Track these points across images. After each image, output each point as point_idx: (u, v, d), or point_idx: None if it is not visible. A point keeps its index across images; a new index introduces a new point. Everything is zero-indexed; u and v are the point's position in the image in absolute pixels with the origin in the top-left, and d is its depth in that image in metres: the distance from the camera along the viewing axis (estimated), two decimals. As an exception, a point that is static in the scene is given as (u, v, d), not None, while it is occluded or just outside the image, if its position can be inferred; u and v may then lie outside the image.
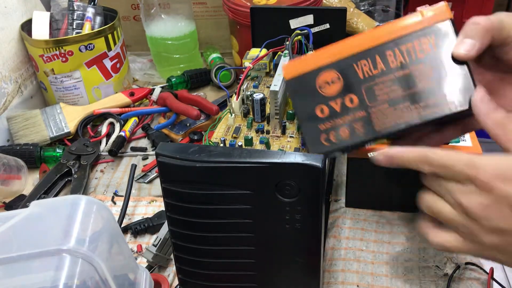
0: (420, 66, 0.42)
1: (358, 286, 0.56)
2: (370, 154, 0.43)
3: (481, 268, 0.56)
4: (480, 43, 0.40)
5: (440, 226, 0.42)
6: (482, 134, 0.54)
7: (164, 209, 0.48)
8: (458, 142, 0.57)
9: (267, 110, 0.56)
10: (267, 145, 0.53)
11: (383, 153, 0.42)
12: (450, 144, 0.56)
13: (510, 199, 0.36)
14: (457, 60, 0.41)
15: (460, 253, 0.54)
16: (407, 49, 0.42)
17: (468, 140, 0.60)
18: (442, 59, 0.42)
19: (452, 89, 0.41)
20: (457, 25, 0.42)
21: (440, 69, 0.42)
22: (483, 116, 0.39)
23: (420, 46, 0.42)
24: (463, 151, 0.39)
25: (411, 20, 0.42)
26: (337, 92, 0.43)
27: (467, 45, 0.40)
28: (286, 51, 0.61)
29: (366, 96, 0.43)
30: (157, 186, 0.73)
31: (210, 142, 0.54)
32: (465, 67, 0.41)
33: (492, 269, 0.54)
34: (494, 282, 0.54)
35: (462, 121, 0.45)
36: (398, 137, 0.45)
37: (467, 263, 0.56)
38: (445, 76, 0.42)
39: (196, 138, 0.80)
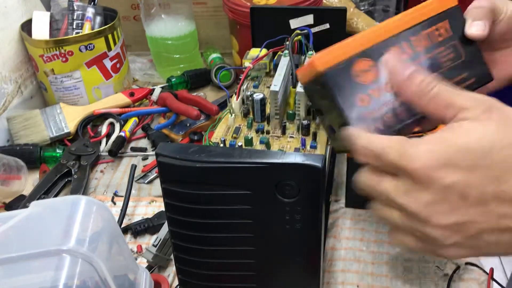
0: (441, 49, 0.45)
1: (358, 286, 0.56)
2: None
3: (481, 269, 0.56)
4: (488, 23, 0.44)
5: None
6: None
7: (164, 209, 0.48)
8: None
9: (267, 110, 0.56)
10: (267, 145, 0.53)
11: (347, 132, 0.39)
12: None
13: (457, 187, 0.31)
14: (469, 40, 0.45)
15: (425, 254, 0.53)
16: (428, 34, 0.45)
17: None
18: (456, 41, 0.46)
19: (470, 66, 0.46)
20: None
21: (457, 49, 0.45)
22: (401, 81, 0.36)
23: (438, 30, 0.45)
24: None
25: (426, 7, 0.45)
26: (373, 80, 0.42)
27: (479, 26, 0.44)
28: (286, 51, 0.61)
29: None
30: (157, 187, 0.73)
31: (210, 142, 0.54)
32: (475, 45, 0.46)
33: (492, 270, 0.54)
34: (494, 283, 0.54)
35: None
36: None
37: (467, 263, 0.56)
38: (462, 57, 0.45)
39: (196, 138, 0.80)
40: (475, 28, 0.43)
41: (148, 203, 0.70)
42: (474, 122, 0.31)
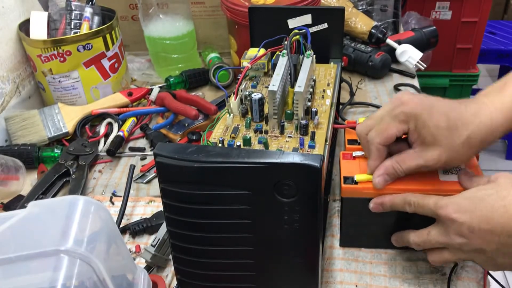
0: None
1: (356, 285, 0.56)
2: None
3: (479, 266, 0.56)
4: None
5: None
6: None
7: (162, 209, 0.48)
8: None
9: (266, 110, 0.56)
10: (266, 145, 0.53)
11: (375, 202, 0.53)
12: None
13: (466, 224, 0.46)
14: None
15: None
16: None
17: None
18: None
19: None
20: (455, 26, 0.45)
21: None
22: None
23: None
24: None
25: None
26: None
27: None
28: (285, 51, 0.60)
29: None
30: (155, 187, 0.73)
31: (208, 142, 0.54)
32: None
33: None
34: (491, 280, 0.55)
35: None
36: None
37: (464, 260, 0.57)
38: None
39: (194, 138, 0.80)
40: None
41: (147, 203, 0.70)
42: (486, 185, 0.49)
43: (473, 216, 0.46)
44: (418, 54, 0.96)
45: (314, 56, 0.64)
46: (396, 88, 0.93)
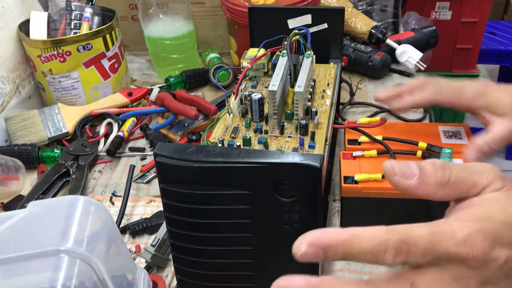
0: None
1: (356, 285, 0.56)
2: None
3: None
4: None
5: None
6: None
7: (162, 209, 0.48)
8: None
9: (266, 110, 0.56)
10: (266, 145, 0.53)
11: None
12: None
13: (508, 264, 0.30)
14: None
15: None
16: None
17: (465, 139, 0.61)
18: None
19: None
20: (455, 26, 0.44)
21: None
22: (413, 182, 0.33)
23: None
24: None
25: None
26: None
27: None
28: (284, 51, 0.60)
29: None
30: (155, 187, 0.73)
31: (208, 142, 0.54)
32: None
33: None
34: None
35: None
36: None
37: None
38: None
39: (194, 138, 0.80)
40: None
41: (147, 203, 0.70)
42: (500, 194, 0.31)
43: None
44: (418, 54, 0.96)
45: (314, 56, 0.64)
46: (396, 88, 0.93)
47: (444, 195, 0.32)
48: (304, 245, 0.31)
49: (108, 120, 0.83)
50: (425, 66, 0.96)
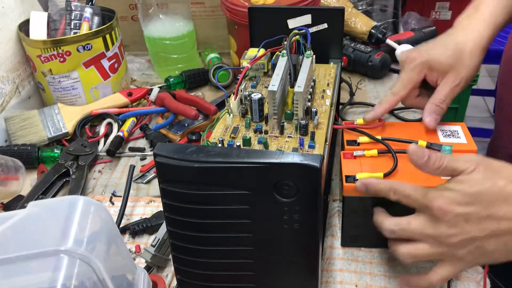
0: None
1: (356, 285, 0.56)
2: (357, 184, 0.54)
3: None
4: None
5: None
6: (477, 133, 0.56)
7: (162, 209, 0.48)
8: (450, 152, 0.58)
9: (265, 110, 0.56)
10: (265, 145, 0.53)
11: (361, 181, 0.53)
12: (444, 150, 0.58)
13: (462, 215, 0.46)
14: None
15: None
16: None
17: (462, 137, 0.61)
18: None
19: None
20: None
21: None
22: (423, 163, 0.50)
23: None
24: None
25: None
26: None
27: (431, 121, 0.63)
28: (284, 51, 0.60)
29: None
30: (155, 187, 0.73)
31: (208, 142, 0.54)
32: None
33: (487, 266, 0.55)
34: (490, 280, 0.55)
35: None
36: None
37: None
38: None
39: (194, 138, 0.80)
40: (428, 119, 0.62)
41: (146, 203, 0.70)
42: (469, 175, 0.47)
43: (470, 208, 0.46)
44: (418, 54, 0.95)
45: (314, 56, 0.64)
46: (396, 88, 0.93)
47: (438, 174, 0.49)
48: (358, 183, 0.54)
49: (108, 120, 0.83)
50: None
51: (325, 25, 0.70)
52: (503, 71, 0.82)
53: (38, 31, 0.86)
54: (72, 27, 0.87)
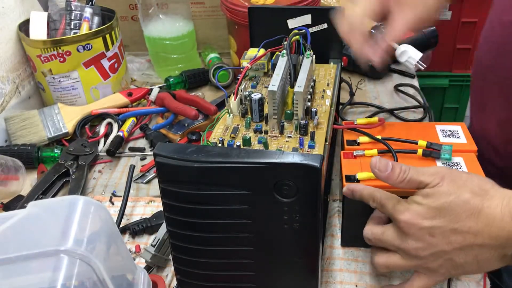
0: None
1: (356, 285, 0.56)
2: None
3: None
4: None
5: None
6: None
7: (162, 209, 0.48)
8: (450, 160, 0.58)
9: (265, 110, 0.56)
10: (265, 145, 0.53)
11: (347, 187, 0.53)
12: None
13: (426, 229, 0.46)
14: None
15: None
16: None
17: (462, 137, 0.61)
18: None
19: None
20: (455, 26, 0.45)
21: None
22: (385, 175, 0.50)
23: None
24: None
25: None
26: None
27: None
28: (284, 51, 0.60)
29: None
30: (155, 187, 0.73)
31: (208, 142, 0.54)
32: None
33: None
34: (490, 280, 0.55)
35: None
36: None
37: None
38: None
39: (194, 138, 0.80)
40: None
41: (146, 203, 0.70)
42: (434, 189, 0.47)
43: (435, 221, 0.46)
44: (418, 54, 0.95)
45: (314, 56, 0.64)
46: (396, 88, 0.93)
47: (403, 187, 0.49)
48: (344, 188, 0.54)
49: (108, 120, 0.83)
50: (425, 66, 0.96)
51: (325, 25, 0.70)
52: (474, 73, 0.82)
53: (38, 31, 0.86)
54: (72, 27, 0.87)
